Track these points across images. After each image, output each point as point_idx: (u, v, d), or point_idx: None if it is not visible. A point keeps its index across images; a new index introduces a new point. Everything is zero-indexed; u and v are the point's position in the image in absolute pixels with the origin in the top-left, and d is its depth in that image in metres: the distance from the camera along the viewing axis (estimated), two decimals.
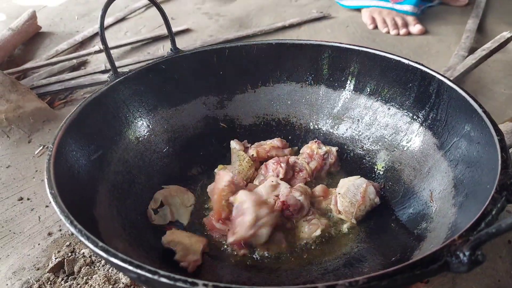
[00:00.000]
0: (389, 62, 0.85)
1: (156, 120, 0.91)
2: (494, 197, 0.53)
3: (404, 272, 0.45)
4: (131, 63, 1.54)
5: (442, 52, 1.51)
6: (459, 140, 0.72)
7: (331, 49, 0.92)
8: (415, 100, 0.83)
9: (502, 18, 1.69)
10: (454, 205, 0.66)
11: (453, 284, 0.71)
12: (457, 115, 0.74)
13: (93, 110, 0.79)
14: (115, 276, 0.79)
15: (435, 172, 0.75)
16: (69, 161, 0.69)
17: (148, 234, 0.76)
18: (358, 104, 0.92)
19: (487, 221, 0.50)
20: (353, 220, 0.78)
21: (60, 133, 0.69)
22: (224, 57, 0.95)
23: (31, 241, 0.91)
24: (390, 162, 0.86)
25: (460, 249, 0.45)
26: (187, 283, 0.44)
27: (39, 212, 0.98)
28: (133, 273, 0.47)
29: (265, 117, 0.99)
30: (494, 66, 1.41)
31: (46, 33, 1.90)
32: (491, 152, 0.61)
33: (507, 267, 0.74)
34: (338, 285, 0.43)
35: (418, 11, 1.64)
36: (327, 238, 0.77)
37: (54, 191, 0.58)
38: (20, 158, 1.15)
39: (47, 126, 1.25)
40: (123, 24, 1.95)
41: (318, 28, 1.75)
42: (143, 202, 0.81)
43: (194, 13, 2.00)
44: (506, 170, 0.56)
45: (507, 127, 0.99)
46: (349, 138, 0.93)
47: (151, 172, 0.87)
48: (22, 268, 0.84)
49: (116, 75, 0.85)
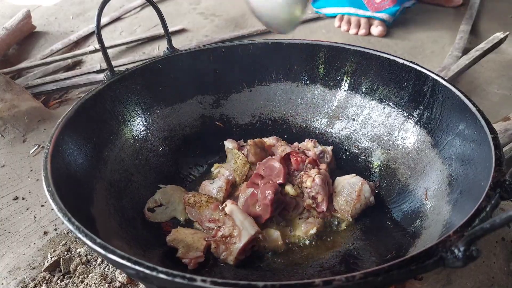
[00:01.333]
0: (384, 61, 0.86)
1: (152, 119, 0.91)
2: (488, 194, 0.53)
3: (400, 267, 0.45)
4: (126, 63, 1.54)
5: (437, 52, 1.53)
6: (454, 139, 0.73)
7: (327, 48, 0.92)
8: (410, 99, 0.84)
9: (495, 19, 1.70)
10: (449, 203, 0.67)
11: (448, 281, 0.72)
12: (452, 114, 0.74)
13: (89, 108, 0.79)
14: (112, 275, 0.79)
15: (429, 170, 0.76)
16: (66, 159, 0.69)
17: (145, 232, 0.76)
18: (353, 103, 0.92)
19: (481, 217, 0.50)
20: (349, 218, 0.79)
21: (57, 131, 0.69)
22: (220, 56, 0.95)
23: (27, 240, 0.90)
24: (385, 160, 0.87)
25: (455, 244, 0.46)
26: (185, 279, 0.44)
27: (34, 212, 0.97)
28: (132, 270, 0.47)
29: (261, 116, 1.00)
30: (487, 66, 1.43)
31: (40, 32, 1.89)
32: (485, 150, 0.62)
33: (501, 264, 0.75)
34: (335, 280, 0.44)
35: (390, 20, 1.66)
36: (323, 236, 0.77)
37: (51, 189, 0.58)
38: (15, 157, 1.14)
39: (42, 125, 1.24)
40: (118, 24, 1.95)
41: (314, 29, 1.76)
42: (140, 200, 0.82)
43: (189, 13, 2.00)
44: (499, 168, 0.57)
45: (500, 127, 1.00)
46: (344, 137, 0.94)
47: (148, 170, 0.87)
48: (18, 267, 0.84)
49: (113, 74, 0.85)
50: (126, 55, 1.69)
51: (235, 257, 0.70)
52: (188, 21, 1.92)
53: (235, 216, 0.73)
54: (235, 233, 0.71)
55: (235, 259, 0.70)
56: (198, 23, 1.90)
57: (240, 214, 0.73)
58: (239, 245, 0.70)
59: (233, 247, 0.70)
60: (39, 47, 1.80)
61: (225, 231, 0.72)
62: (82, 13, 2.07)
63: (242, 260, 0.72)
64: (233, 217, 0.73)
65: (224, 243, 0.71)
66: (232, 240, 0.71)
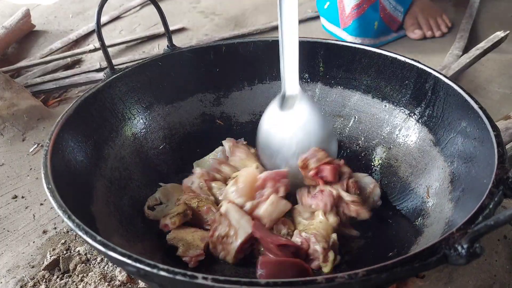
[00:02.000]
0: (385, 59, 0.86)
1: (152, 117, 0.91)
2: (491, 191, 0.53)
3: (403, 264, 0.45)
4: (126, 61, 1.54)
5: (437, 51, 1.52)
6: (456, 136, 0.72)
7: (327, 46, 0.92)
8: (412, 97, 0.83)
9: (496, 18, 1.70)
10: (451, 200, 0.67)
11: (450, 279, 0.72)
12: (453, 111, 0.74)
13: (89, 106, 0.78)
14: (111, 274, 0.79)
15: (431, 168, 0.76)
16: (66, 156, 0.68)
17: (146, 230, 0.76)
18: (354, 101, 0.92)
19: (484, 214, 0.50)
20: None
21: (57, 128, 0.68)
22: (221, 54, 0.94)
23: (26, 239, 0.90)
24: (386, 158, 0.86)
25: (459, 242, 0.45)
26: (186, 277, 0.44)
27: (33, 210, 0.97)
28: (132, 267, 0.46)
29: (261, 114, 0.99)
30: (488, 65, 1.43)
31: (40, 31, 1.89)
32: (487, 148, 0.62)
33: (503, 262, 0.74)
34: (337, 277, 0.43)
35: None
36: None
37: (51, 186, 0.58)
38: (14, 156, 1.14)
39: (42, 124, 1.24)
40: (118, 22, 1.94)
41: (313, 27, 1.76)
42: (140, 198, 0.81)
43: (189, 12, 2.00)
44: (502, 165, 0.56)
45: (502, 125, 1.00)
46: (345, 135, 0.93)
47: (148, 168, 0.86)
48: (17, 266, 0.83)
49: (113, 72, 0.85)
50: (126, 54, 1.68)
51: (233, 256, 0.70)
52: (188, 20, 1.91)
53: (231, 216, 0.72)
54: (232, 233, 0.70)
55: (233, 258, 0.70)
56: (198, 22, 1.89)
57: (236, 213, 0.72)
58: (236, 244, 0.69)
59: (230, 247, 0.70)
60: (38, 45, 1.79)
61: (221, 231, 0.71)
62: (82, 11, 2.06)
63: (242, 259, 0.71)
64: (229, 217, 0.72)
65: (221, 243, 0.71)
66: (228, 240, 0.70)
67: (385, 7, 1.56)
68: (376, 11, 1.55)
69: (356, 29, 1.55)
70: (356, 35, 1.56)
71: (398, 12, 1.61)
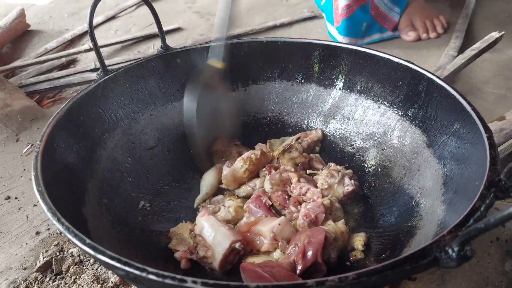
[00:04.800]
0: (380, 60, 0.86)
1: (145, 117, 0.90)
2: (482, 193, 0.53)
3: (394, 267, 0.45)
4: (121, 61, 1.53)
5: (432, 52, 1.52)
6: (449, 138, 0.72)
7: (322, 47, 0.92)
8: (405, 98, 0.83)
9: (491, 19, 1.70)
10: (443, 202, 0.67)
11: (442, 281, 0.72)
12: (447, 113, 0.74)
13: (81, 107, 0.78)
14: (104, 275, 0.79)
15: (424, 170, 0.76)
16: (57, 158, 0.68)
17: (138, 233, 0.75)
18: (348, 102, 0.92)
19: (475, 217, 0.50)
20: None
21: (48, 130, 0.68)
22: None
23: (19, 240, 0.89)
24: (380, 160, 0.86)
25: (449, 244, 0.45)
26: (175, 280, 0.44)
27: (27, 211, 0.96)
28: (122, 271, 0.46)
29: (256, 115, 0.99)
30: (483, 66, 1.43)
31: (35, 31, 1.88)
32: (480, 150, 0.62)
33: (495, 263, 0.74)
34: (328, 281, 0.43)
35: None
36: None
37: (41, 189, 0.57)
38: (8, 156, 1.13)
39: (36, 124, 1.23)
40: (113, 22, 1.94)
41: (309, 28, 1.76)
42: (132, 200, 0.81)
43: (185, 12, 1.99)
44: (494, 167, 0.56)
45: (496, 126, 1.00)
46: (339, 136, 0.93)
47: (141, 170, 0.86)
48: (9, 267, 0.83)
49: (106, 73, 0.84)
50: (121, 54, 1.68)
51: (219, 270, 0.68)
52: (183, 20, 1.91)
53: (205, 233, 0.69)
54: (209, 254, 0.68)
55: (220, 270, 0.68)
56: (194, 22, 1.89)
57: (210, 228, 0.69)
58: (215, 264, 0.68)
59: (212, 265, 0.69)
60: (33, 45, 1.79)
61: (200, 253, 0.68)
62: (77, 11, 2.05)
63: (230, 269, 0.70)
64: (203, 236, 0.69)
65: (204, 263, 0.69)
66: (208, 260, 0.68)
67: (378, 7, 1.56)
68: (366, 12, 1.55)
69: (344, 28, 1.55)
70: (345, 34, 1.56)
71: (394, 12, 1.60)
